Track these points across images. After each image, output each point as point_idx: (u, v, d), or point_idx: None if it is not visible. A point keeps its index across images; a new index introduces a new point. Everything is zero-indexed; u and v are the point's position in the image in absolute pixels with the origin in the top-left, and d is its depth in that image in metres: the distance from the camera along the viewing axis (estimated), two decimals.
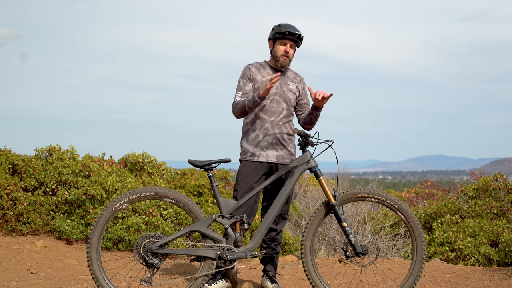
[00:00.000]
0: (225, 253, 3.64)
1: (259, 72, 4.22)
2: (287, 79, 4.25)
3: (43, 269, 5.04)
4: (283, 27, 4.12)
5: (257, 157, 4.15)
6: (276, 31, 4.14)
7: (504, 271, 5.27)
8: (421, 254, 3.74)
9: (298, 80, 4.31)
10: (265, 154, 4.15)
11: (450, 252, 6.24)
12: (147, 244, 3.61)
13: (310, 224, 3.80)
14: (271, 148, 4.16)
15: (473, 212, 6.83)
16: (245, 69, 4.24)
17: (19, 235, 6.15)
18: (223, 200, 3.78)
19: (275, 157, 4.17)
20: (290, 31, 4.09)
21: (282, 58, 4.16)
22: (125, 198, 3.67)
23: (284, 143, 4.20)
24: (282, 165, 4.17)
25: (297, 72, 4.36)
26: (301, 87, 4.32)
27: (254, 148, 4.17)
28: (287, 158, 4.21)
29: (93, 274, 3.64)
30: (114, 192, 6.20)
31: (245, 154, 4.20)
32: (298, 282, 4.78)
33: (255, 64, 4.26)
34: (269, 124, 4.16)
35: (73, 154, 6.85)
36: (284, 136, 4.20)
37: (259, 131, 4.17)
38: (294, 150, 4.29)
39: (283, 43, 4.15)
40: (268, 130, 4.16)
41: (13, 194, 6.13)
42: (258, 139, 4.16)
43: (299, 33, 4.13)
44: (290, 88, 4.24)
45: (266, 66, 4.26)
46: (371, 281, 4.69)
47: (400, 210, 3.77)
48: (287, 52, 4.15)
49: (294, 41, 4.14)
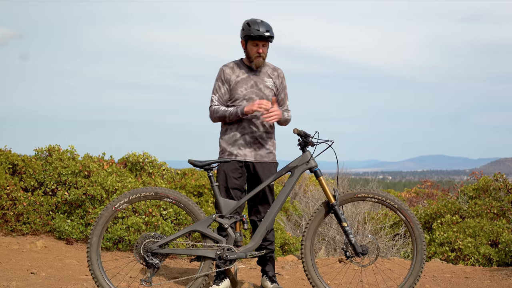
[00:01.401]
0: (225, 253, 3.64)
1: (233, 72, 4.20)
2: (263, 76, 4.21)
3: (43, 269, 5.04)
4: (253, 29, 4.04)
5: (234, 156, 4.13)
6: (246, 32, 4.08)
7: (504, 271, 5.27)
8: (421, 254, 3.74)
9: (275, 75, 4.26)
10: (242, 153, 4.14)
11: (450, 252, 6.24)
12: (147, 244, 3.62)
13: (310, 224, 3.80)
14: (249, 147, 4.15)
15: (473, 212, 6.82)
16: (219, 71, 4.23)
17: (19, 235, 6.15)
18: (223, 200, 3.78)
19: (252, 156, 4.15)
20: (260, 34, 4.03)
21: (255, 59, 4.14)
22: (125, 198, 3.67)
23: (262, 141, 4.18)
24: (261, 164, 4.16)
25: (275, 66, 4.31)
26: (279, 82, 4.27)
27: (231, 147, 4.15)
28: (266, 157, 4.19)
29: (93, 274, 3.64)
30: (114, 192, 6.19)
31: (223, 153, 4.19)
32: (298, 282, 4.78)
33: (229, 64, 4.25)
34: (246, 123, 4.14)
35: (73, 154, 6.85)
36: (262, 134, 4.18)
37: (236, 130, 4.15)
38: (273, 148, 4.26)
39: (254, 44, 4.10)
40: (245, 129, 4.14)
41: (13, 194, 6.13)
42: (235, 138, 4.15)
43: (269, 34, 4.05)
44: (267, 84, 4.21)
45: (241, 64, 4.23)
46: (371, 281, 4.69)
47: (400, 210, 3.77)
48: (260, 52, 4.11)
49: (265, 40, 4.10)
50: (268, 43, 4.13)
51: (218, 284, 4.16)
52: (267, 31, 4.05)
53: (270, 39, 4.09)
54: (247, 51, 4.16)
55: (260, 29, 4.04)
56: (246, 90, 4.15)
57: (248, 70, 4.20)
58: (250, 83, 4.17)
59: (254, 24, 4.05)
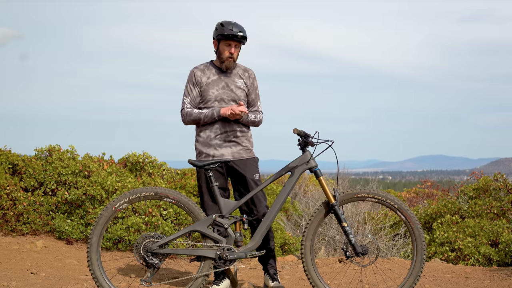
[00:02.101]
0: (225, 253, 3.64)
1: (204, 74, 4.20)
2: (234, 77, 4.22)
3: (43, 269, 5.04)
4: (226, 29, 4.05)
5: (211, 157, 4.14)
6: (219, 32, 4.09)
7: (504, 271, 5.27)
8: (421, 254, 3.74)
9: (246, 75, 4.27)
10: (219, 153, 4.14)
11: (450, 252, 6.24)
12: (147, 244, 3.62)
13: (310, 224, 3.80)
14: (224, 146, 4.15)
15: (473, 212, 6.82)
16: (190, 74, 4.24)
17: (19, 235, 6.15)
18: (223, 200, 3.78)
19: (230, 154, 4.15)
20: (233, 34, 4.04)
21: (226, 60, 4.14)
22: (125, 198, 3.67)
23: (237, 139, 4.18)
24: (240, 160, 4.16)
25: (246, 66, 4.32)
26: (250, 82, 4.27)
27: (207, 148, 4.16)
28: (244, 153, 4.20)
29: (93, 274, 3.64)
30: (114, 192, 6.20)
31: (199, 155, 4.20)
32: (298, 282, 4.78)
33: (200, 67, 4.25)
34: (220, 124, 4.14)
35: (73, 154, 6.84)
36: (237, 133, 4.18)
37: (210, 131, 4.16)
38: (250, 145, 4.26)
39: (227, 44, 4.11)
40: (219, 129, 4.14)
41: (13, 194, 6.13)
42: (210, 139, 4.15)
43: (242, 34, 4.07)
44: (238, 85, 4.21)
45: (211, 66, 4.24)
46: (371, 281, 4.69)
47: (400, 210, 3.77)
48: (231, 53, 4.12)
49: (238, 41, 4.11)
50: (240, 44, 4.15)
51: (218, 284, 4.16)
52: (240, 31, 4.07)
53: (243, 40, 4.11)
54: (218, 52, 4.16)
55: (234, 29, 4.05)
56: (218, 91, 4.16)
57: (219, 72, 4.21)
58: (221, 84, 4.18)
59: (228, 25, 4.07)
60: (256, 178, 4.17)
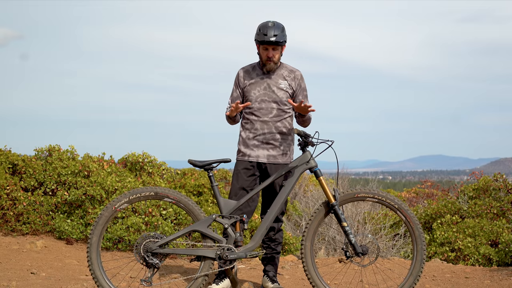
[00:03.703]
0: (225, 253, 3.65)
1: (248, 75, 4.22)
2: (278, 78, 4.20)
3: (43, 269, 5.04)
4: (261, 34, 4.04)
5: (247, 156, 4.17)
6: (256, 37, 4.10)
7: (504, 271, 5.27)
8: (421, 254, 3.74)
9: (292, 77, 4.24)
10: (255, 154, 4.16)
11: (450, 252, 6.24)
12: (147, 244, 3.62)
13: (310, 224, 3.80)
14: (261, 148, 4.16)
15: (473, 212, 6.82)
16: (236, 74, 4.27)
17: (19, 235, 6.15)
18: (223, 200, 3.78)
19: (265, 156, 4.16)
20: (266, 40, 4.02)
21: (266, 63, 4.14)
22: (125, 198, 3.67)
23: (276, 142, 4.18)
24: (274, 165, 4.16)
25: (293, 67, 4.29)
26: (296, 84, 4.24)
27: (245, 148, 4.19)
28: (279, 158, 4.19)
29: (93, 274, 3.64)
30: (114, 192, 6.19)
31: (238, 154, 4.25)
32: (298, 282, 4.78)
33: (246, 67, 4.28)
34: (259, 125, 4.16)
35: (73, 154, 6.84)
36: (276, 135, 4.18)
37: (249, 131, 4.19)
38: (288, 149, 4.23)
39: (264, 48, 4.11)
40: (258, 130, 4.16)
41: (13, 194, 6.13)
42: (249, 139, 4.18)
43: (275, 39, 4.02)
44: (281, 87, 4.19)
45: (256, 67, 4.26)
46: (371, 281, 4.69)
47: (400, 210, 3.77)
48: (270, 57, 4.11)
49: (274, 44, 4.07)
50: (279, 47, 4.11)
51: (218, 284, 4.16)
52: (275, 35, 4.02)
53: (278, 43, 4.06)
54: (259, 55, 4.18)
55: (268, 34, 4.02)
56: (259, 92, 4.17)
57: (262, 73, 4.21)
58: (263, 85, 4.18)
59: (264, 29, 4.05)
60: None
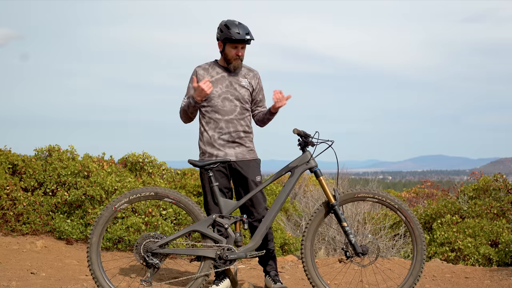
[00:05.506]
0: (225, 253, 3.64)
1: (208, 73, 4.19)
2: (238, 76, 4.20)
3: (43, 269, 5.04)
4: (233, 32, 4.01)
5: (215, 157, 4.12)
6: (225, 35, 4.04)
7: (504, 271, 5.27)
8: (421, 254, 3.74)
9: (251, 75, 4.25)
10: (222, 154, 4.13)
11: (450, 252, 6.24)
12: (147, 244, 3.61)
13: (310, 224, 3.80)
14: (228, 147, 4.14)
15: (473, 212, 6.82)
16: (192, 72, 4.22)
17: (19, 235, 6.15)
18: (223, 200, 3.78)
19: (233, 155, 4.15)
20: (241, 38, 4.01)
21: (234, 61, 4.13)
22: (125, 198, 3.67)
23: (241, 140, 4.18)
24: (243, 161, 4.16)
25: (250, 67, 4.30)
26: (255, 83, 4.26)
27: (211, 148, 4.15)
28: (247, 154, 4.19)
29: (93, 274, 3.64)
30: (114, 192, 6.20)
31: (203, 155, 4.19)
32: (298, 282, 4.78)
33: (203, 66, 4.24)
34: (224, 123, 4.13)
35: (73, 154, 6.85)
36: (240, 133, 4.17)
37: (214, 131, 4.14)
38: (252, 146, 4.25)
39: (233, 46, 4.08)
40: (223, 129, 4.13)
41: (13, 194, 6.13)
42: (214, 139, 4.14)
43: (249, 37, 4.04)
44: (242, 84, 4.19)
45: (214, 66, 4.22)
46: (371, 281, 4.69)
47: (400, 210, 3.77)
48: (239, 55, 4.11)
49: (245, 43, 4.08)
50: (246, 45, 4.13)
51: (218, 284, 4.16)
52: (247, 33, 4.04)
53: (249, 42, 4.09)
54: (224, 53, 4.14)
55: (241, 32, 4.02)
56: (222, 90, 4.15)
57: (223, 70, 4.20)
58: (225, 82, 4.17)
59: (234, 27, 4.03)
60: (257, 180, 4.16)
